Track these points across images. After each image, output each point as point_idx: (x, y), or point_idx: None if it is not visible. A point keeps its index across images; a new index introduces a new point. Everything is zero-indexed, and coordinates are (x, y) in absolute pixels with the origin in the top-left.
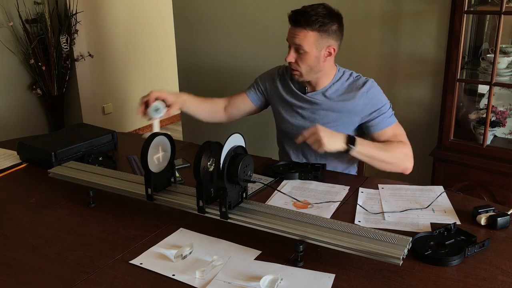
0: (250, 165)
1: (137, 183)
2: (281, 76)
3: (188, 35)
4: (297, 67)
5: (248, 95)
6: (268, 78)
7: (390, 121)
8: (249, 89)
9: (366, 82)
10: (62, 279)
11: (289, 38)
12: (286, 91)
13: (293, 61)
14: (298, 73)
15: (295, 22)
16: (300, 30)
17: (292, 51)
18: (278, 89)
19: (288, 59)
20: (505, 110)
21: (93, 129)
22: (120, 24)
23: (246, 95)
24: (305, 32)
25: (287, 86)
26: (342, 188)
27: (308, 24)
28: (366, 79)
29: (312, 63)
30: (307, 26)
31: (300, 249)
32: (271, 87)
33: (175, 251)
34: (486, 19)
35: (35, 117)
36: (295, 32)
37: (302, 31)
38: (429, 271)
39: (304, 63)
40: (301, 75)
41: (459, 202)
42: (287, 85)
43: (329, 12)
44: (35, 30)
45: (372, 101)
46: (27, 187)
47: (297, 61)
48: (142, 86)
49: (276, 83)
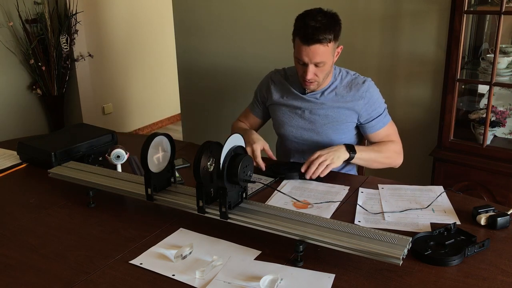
0: (250, 165)
1: (137, 183)
2: (274, 81)
3: (188, 36)
4: (316, 78)
5: (252, 113)
6: (264, 87)
7: (385, 121)
8: (251, 105)
9: (365, 81)
10: (62, 279)
11: (306, 57)
12: (283, 94)
13: (313, 76)
14: (316, 83)
15: (312, 41)
16: (318, 47)
17: (311, 68)
18: (274, 94)
19: (308, 77)
20: (505, 110)
21: (93, 129)
22: (120, 24)
23: (250, 112)
24: (323, 47)
25: (285, 89)
26: (342, 188)
27: (324, 39)
28: (365, 79)
29: (329, 70)
30: (324, 41)
31: (300, 249)
32: (267, 95)
33: (175, 251)
34: (486, 19)
35: (35, 117)
36: (314, 50)
37: (320, 47)
38: (429, 271)
39: (322, 72)
40: (318, 84)
41: (459, 202)
42: (285, 88)
43: (330, 17)
44: (35, 30)
45: (371, 100)
46: (27, 187)
47: (316, 74)
48: (142, 86)
49: (270, 90)
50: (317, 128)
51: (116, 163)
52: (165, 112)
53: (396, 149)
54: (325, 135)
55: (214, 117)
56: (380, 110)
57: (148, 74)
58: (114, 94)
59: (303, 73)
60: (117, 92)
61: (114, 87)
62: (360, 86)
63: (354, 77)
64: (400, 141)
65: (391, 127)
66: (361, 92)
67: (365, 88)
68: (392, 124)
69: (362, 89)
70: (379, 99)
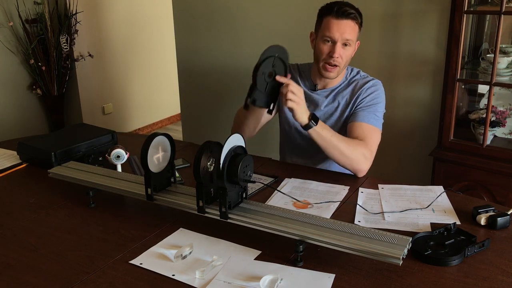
0: (250, 165)
1: (137, 183)
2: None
3: (188, 35)
4: (340, 61)
5: None
6: None
7: (373, 122)
8: None
9: (372, 80)
10: (62, 279)
11: (337, 32)
12: None
13: (339, 56)
14: (337, 69)
15: (343, 15)
16: (349, 22)
17: (339, 46)
18: None
19: (336, 54)
20: (505, 110)
21: (93, 129)
22: (120, 24)
23: None
24: (353, 24)
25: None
26: (342, 188)
27: (355, 17)
28: (373, 79)
29: (349, 57)
30: (355, 19)
31: (300, 249)
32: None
33: (175, 251)
34: (486, 19)
35: (35, 117)
36: (347, 25)
37: (351, 24)
38: (429, 271)
39: (346, 57)
40: (339, 70)
41: (459, 202)
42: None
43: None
44: (35, 30)
45: (368, 91)
46: (27, 187)
47: (341, 55)
48: (142, 86)
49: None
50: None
51: (116, 163)
52: (165, 112)
53: (365, 152)
54: None
55: (214, 117)
56: (374, 107)
57: (148, 74)
58: (114, 94)
59: (330, 52)
60: (117, 92)
61: (114, 87)
62: (365, 83)
63: (363, 77)
64: (374, 152)
65: (373, 131)
66: (364, 88)
67: (369, 85)
68: (378, 134)
69: (366, 86)
70: (378, 99)
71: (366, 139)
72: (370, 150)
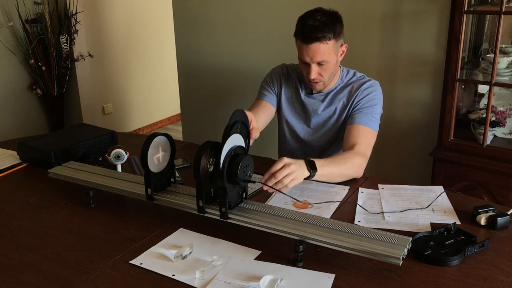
0: (250, 165)
1: (137, 183)
2: (286, 75)
3: (188, 35)
4: (321, 78)
5: (267, 101)
6: (276, 77)
7: (369, 124)
8: (262, 95)
9: (369, 81)
10: (62, 279)
11: (307, 56)
12: (291, 91)
13: (317, 76)
14: (322, 83)
15: (310, 40)
16: (318, 46)
17: (314, 68)
18: (284, 89)
19: (312, 76)
20: (505, 110)
21: (93, 129)
22: (120, 24)
23: (264, 101)
24: (323, 45)
25: (293, 86)
26: (342, 188)
27: (323, 37)
28: (371, 79)
29: (333, 69)
30: (323, 39)
31: (300, 249)
32: (279, 86)
33: (175, 251)
34: (486, 19)
35: (35, 117)
36: (315, 49)
37: (321, 46)
38: (429, 271)
39: (327, 72)
40: (324, 83)
41: (459, 202)
42: (293, 86)
43: (329, 16)
44: (35, 30)
45: (367, 96)
46: (27, 187)
47: (320, 73)
48: (142, 86)
49: (282, 83)
50: (319, 129)
51: (116, 163)
52: (165, 112)
53: (360, 162)
54: (327, 137)
55: (214, 117)
56: (371, 109)
57: (148, 74)
58: (114, 94)
59: (307, 73)
60: (117, 92)
61: (114, 87)
62: (362, 85)
63: (360, 78)
64: (368, 156)
65: (368, 134)
66: (361, 90)
67: (366, 86)
68: (371, 134)
69: (363, 87)
70: (375, 99)
71: (361, 142)
72: (364, 155)
